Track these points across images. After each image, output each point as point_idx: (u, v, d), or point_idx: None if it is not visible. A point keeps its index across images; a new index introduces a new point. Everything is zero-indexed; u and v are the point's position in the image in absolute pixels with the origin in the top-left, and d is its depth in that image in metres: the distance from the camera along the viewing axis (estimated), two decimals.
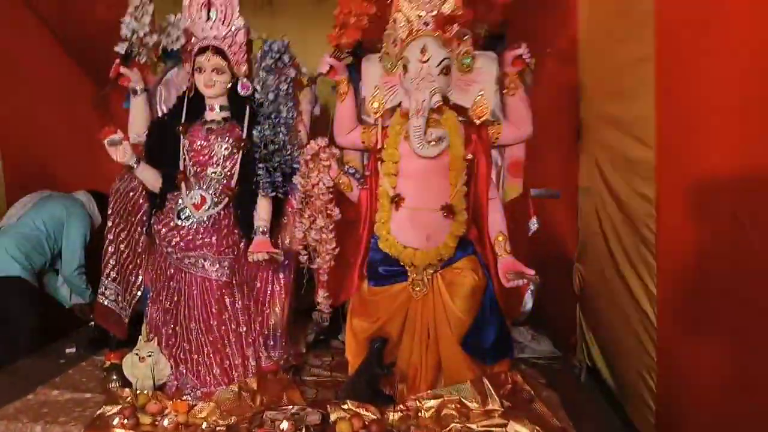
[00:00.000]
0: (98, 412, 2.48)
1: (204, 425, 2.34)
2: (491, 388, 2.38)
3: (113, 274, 2.81)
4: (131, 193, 2.73)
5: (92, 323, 3.48)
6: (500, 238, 2.32)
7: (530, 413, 2.34)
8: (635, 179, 2.39)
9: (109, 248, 2.80)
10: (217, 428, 2.35)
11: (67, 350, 3.29)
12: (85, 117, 3.87)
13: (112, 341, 3.23)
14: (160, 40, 2.36)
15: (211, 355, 2.50)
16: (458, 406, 2.38)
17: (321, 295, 2.39)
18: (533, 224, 2.53)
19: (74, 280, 3.39)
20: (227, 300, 2.51)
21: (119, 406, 2.49)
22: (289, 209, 2.65)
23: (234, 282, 2.52)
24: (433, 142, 2.18)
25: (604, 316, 2.86)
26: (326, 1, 2.57)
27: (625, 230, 2.58)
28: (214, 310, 2.48)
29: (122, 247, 2.77)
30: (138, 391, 2.53)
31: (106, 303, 2.82)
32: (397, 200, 2.28)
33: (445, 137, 2.19)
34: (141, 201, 2.71)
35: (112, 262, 2.81)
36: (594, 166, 2.81)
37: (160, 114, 2.71)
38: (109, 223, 2.80)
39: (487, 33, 2.30)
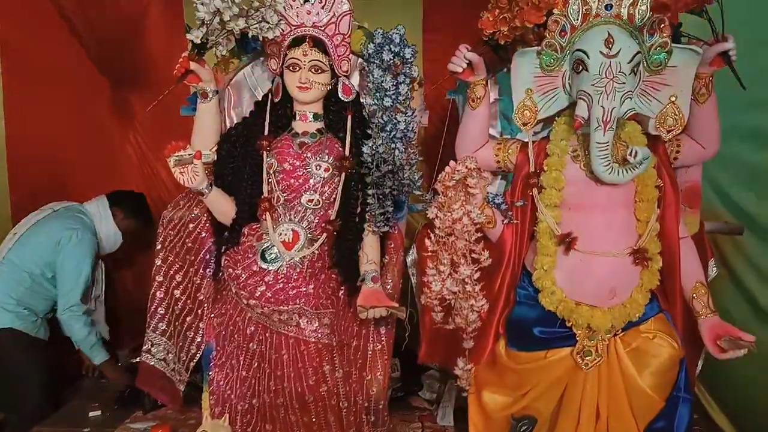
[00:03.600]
0: None
1: None
2: None
3: (162, 326, 2.21)
4: (191, 225, 2.14)
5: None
6: (702, 291, 1.77)
7: None
8: None
9: (158, 293, 2.20)
10: None
11: (91, 414, 2.70)
12: (101, 121, 3.47)
13: (147, 401, 2.65)
14: (248, 26, 1.79)
15: None
16: None
17: (461, 367, 1.82)
18: (712, 268, 1.99)
19: (67, 323, 2.75)
20: (326, 367, 1.93)
21: None
22: (391, 245, 2.09)
23: (333, 343, 1.94)
24: (622, 167, 1.64)
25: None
26: None
27: None
28: (311, 381, 1.90)
29: (177, 293, 2.17)
30: None
31: (152, 363, 2.22)
32: (569, 242, 1.72)
33: (648, 158, 1.64)
34: (204, 235, 2.12)
35: (161, 311, 2.20)
36: None
37: (228, 124, 2.13)
38: (158, 262, 2.20)
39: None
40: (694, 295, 1.78)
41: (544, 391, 1.86)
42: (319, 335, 1.90)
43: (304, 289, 1.89)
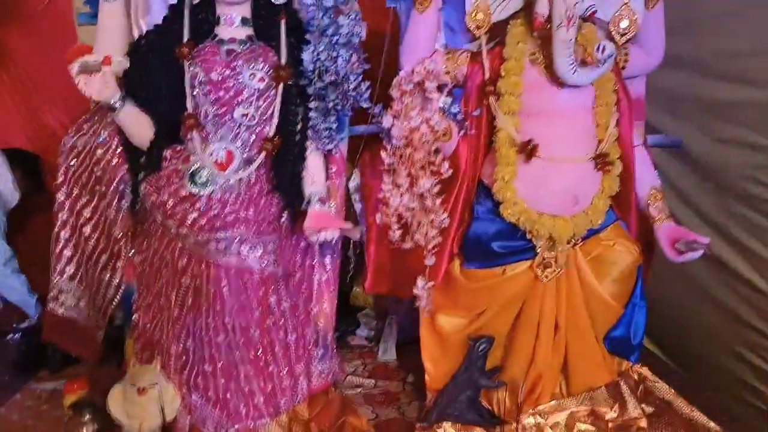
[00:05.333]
0: None
1: None
2: (627, 391, 1.85)
3: (70, 271, 1.95)
4: (99, 151, 1.85)
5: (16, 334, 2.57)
6: (657, 197, 1.76)
7: (677, 418, 1.85)
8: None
9: (62, 233, 1.92)
10: None
11: None
12: None
13: (53, 360, 2.36)
14: None
15: (251, 378, 1.75)
16: (592, 418, 1.83)
17: (421, 286, 1.70)
18: (656, 181, 1.99)
19: (8, 281, 2.42)
20: (272, 299, 1.75)
21: None
22: (333, 169, 1.92)
23: (279, 273, 1.77)
24: (585, 67, 1.56)
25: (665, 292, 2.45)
26: None
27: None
28: (256, 314, 1.72)
29: (86, 230, 1.90)
30: None
31: (61, 312, 1.95)
32: (531, 149, 1.63)
33: (614, 55, 1.57)
34: (116, 162, 1.84)
35: (67, 252, 1.93)
36: None
37: (137, 32, 1.83)
38: (60, 197, 1.91)
39: None
40: (650, 201, 1.77)
41: (502, 310, 1.81)
42: (264, 263, 1.71)
43: (243, 214, 1.69)
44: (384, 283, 2.03)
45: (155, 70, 1.74)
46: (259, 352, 1.74)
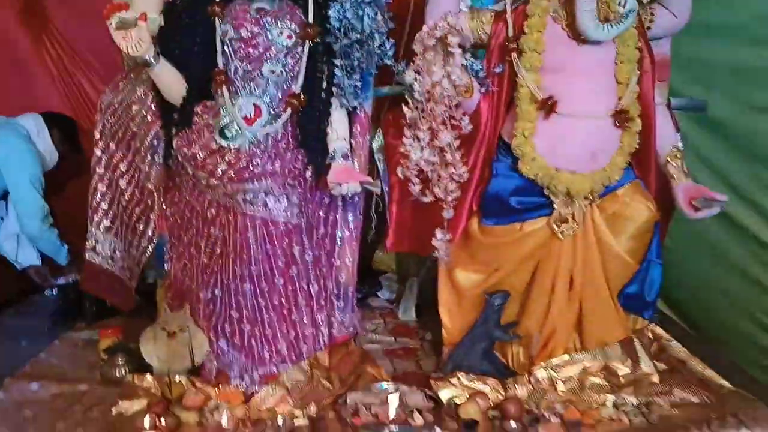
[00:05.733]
0: (114, 411, 1.76)
1: (280, 420, 1.69)
2: (641, 348, 1.89)
3: (107, 223, 2.04)
4: (134, 107, 1.93)
5: (54, 289, 2.70)
6: (677, 156, 1.78)
7: (691, 375, 1.88)
8: None
9: (99, 186, 2.01)
10: (296, 422, 1.72)
11: None
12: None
13: (88, 313, 2.48)
14: None
15: (275, 325, 1.83)
16: (605, 373, 1.87)
17: (440, 237, 1.75)
18: (678, 142, 2.00)
19: (45, 235, 2.54)
20: (296, 249, 1.82)
21: (143, 401, 1.78)
22: (357, 129, 1.97)
23: (303, 225, 1.84)
24: (607, 23, 1.58)
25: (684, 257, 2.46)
26: None
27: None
28: (280, 263, 1.79)
29: (122, 183, 1.99)
30: (168, 379, 1.82)
31: (98, 262, 2.05)
32: (550, 105, 1.66)
33: (635, 10, 1.59)
34: (150, 118, 1.92)
35: (104, 205, 2.03)
36: None
37: None
38: (98, 152, 2.00)
39: None
40: (669, 159, 1.79)
41: (518, 266, 1.85)
42: (289, 215, 1.78)
43: (270, 167, 1.76)
44: (405, 241, 2.08)
45: (188, 28, 1.81)
46: (283, 299, 1.81)
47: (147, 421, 1.68)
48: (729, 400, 1.76)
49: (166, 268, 1.96)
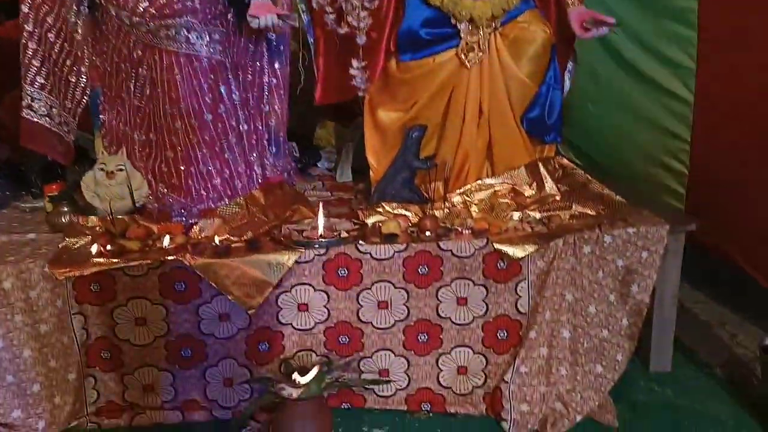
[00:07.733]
0: (61, 245, 1.90)
1: (217, 239, 1.86)
2: (545, 173, 2.09)
3: (40, 80, 2.08)
4: None
5: None
6: None
7: (590, 193, 2.10)
8: None
9: (29, 44, 2.05)
10: (233, 244, 1.88)
11: None
12: None
13: (32, 174, 2.52)
14: None
15: (209, 161, 1.96)
16: (512, 195, 2.07)
17: (356, 66, 1.88)
18: None
19: None
20: (222, 88, 1.93)
21: (88, 237, 1.92)
22: None
23: (227, 64, 1.94)
24: None
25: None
26: None
27: None
28: (207, 99, 1.91)
29: (51, 37, 2.03)
30: (111, 216, 1.95)
31: (36, 119, 2.11)
32: None
33: None
34: None
35: (36, 63, 2.06)
36: None
37: None
38: (25, 9, 2.03)
39: None
40: None
41: (433, 98, 2.00)
42: (212, 51, 1.88)
43: (190, 3, 1.83)
44: (332, 92, 2.19)
45: None
46: (214, 135, 1.93)
47: (94, 249, 1.82)
48: (620, 209, 1.99)
49: (101, 117, 2.05)
